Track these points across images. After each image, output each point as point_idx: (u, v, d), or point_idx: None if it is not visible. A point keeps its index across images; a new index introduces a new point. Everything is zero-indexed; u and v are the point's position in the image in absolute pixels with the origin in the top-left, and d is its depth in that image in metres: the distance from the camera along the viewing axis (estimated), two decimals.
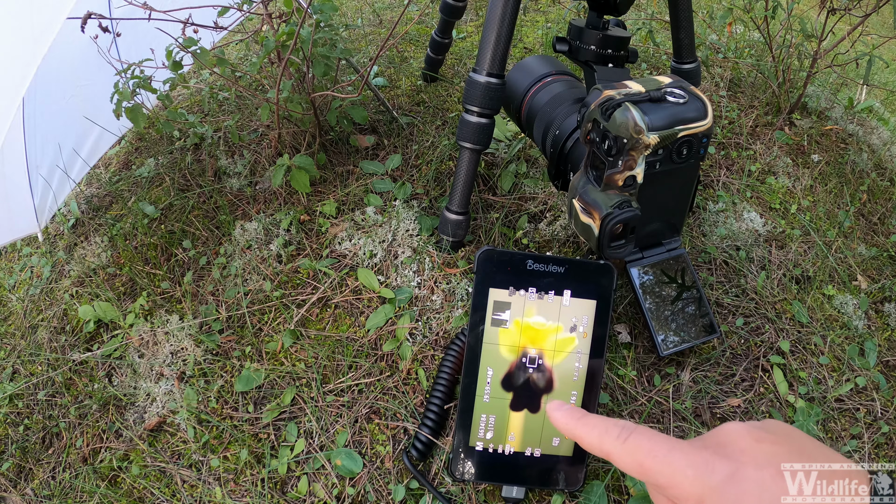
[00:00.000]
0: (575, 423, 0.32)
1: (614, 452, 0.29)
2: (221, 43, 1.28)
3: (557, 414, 0.33)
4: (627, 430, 0.29)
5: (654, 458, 0.27)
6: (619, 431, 0.29)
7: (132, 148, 1.22)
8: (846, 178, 1.00)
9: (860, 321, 0.79)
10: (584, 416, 0.32)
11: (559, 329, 0.56)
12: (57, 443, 0.78)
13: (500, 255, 0.56)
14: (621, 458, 0.29)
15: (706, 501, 0.25)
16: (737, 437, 0.26)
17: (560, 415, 0.33)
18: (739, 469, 0.25)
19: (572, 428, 0.32)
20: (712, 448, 0.26)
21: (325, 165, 1.00)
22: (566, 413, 0.33)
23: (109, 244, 0.99)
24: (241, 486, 0.68)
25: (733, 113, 1.11)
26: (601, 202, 0.61)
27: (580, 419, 0.32)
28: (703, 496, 0.25)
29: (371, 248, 0.85)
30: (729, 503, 0.24)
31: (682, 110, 0.58)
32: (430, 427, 0.65)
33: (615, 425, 0.30)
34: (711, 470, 0.25)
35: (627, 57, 0.73)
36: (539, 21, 1.44)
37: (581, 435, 0.31)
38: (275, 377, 0.75)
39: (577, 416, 0.32)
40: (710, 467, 0.25)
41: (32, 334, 0.91)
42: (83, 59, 0.98)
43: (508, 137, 1.02)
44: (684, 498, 0.26)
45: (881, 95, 1.33)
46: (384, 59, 1.28)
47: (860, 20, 1.00)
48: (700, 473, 0.25)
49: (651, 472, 0.27)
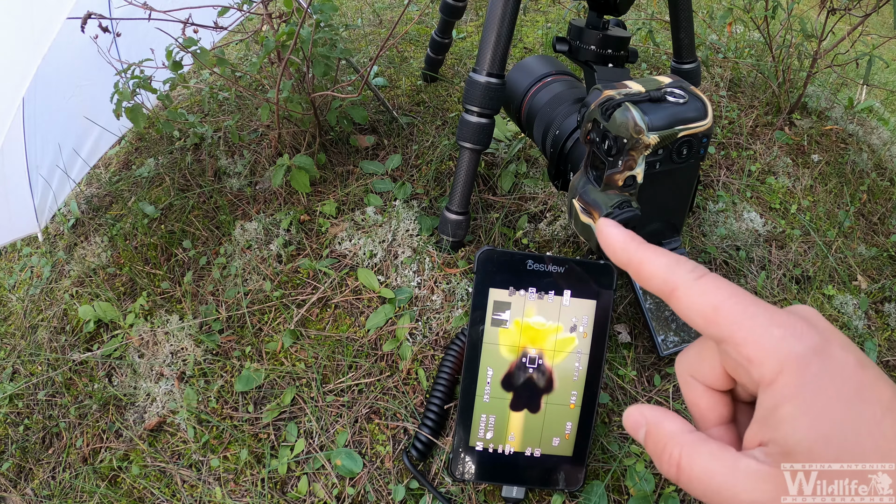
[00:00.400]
0: (636, 247, 0.25)
1: (683, 287, 0.23)
2: (221, 43, 1.28)
3: (613, 232, 0.26)
4: (701, 269, 0.24)
5: (735, 305, 0.22)
6: (692, 266, 0.24)
7: (132, 148, 1.22)
8: (846, 178, 1.00)
9: (860, 321, 0.79)
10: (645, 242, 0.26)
11: (559, 329, 0.56)
12: (57, 443, 0.78)
13: (500, 255, 0.56)
14: (691, 296, 0.23)
15: (787, 369, 0.21)
16: (817, 317, 0.23)
17: (616, 233, 0.26)
18: (828, 345, 0.21)
19: (632, 251, 0.25)
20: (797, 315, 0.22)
21: (325, 165, 1.00)
22: (624, 234, 0.26)
23: (109, 244, 0.99)
24: (241, 486, 0.68)
25: (733, 113, 1.11)
26: (601, 202, 0.61)
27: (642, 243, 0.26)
28: (784, 362, 0.21)
29: (371, 248, 0.85)
30: (811, 376, 0.21)
31: (682, 110, 0.58)
32: (430, 427, 0.65)
33: (686, 260, 0.24)
34: (800, 336, 0.21)
35: (627, 57, 0.73)
36: (539, 21, 1.44)
37: (642, 260, 0.25)
38: (275, 377, 0.75)
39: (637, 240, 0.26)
40: (798, 332, 0.21)
41: (32, 334, 0.91)
42: (83, 59, 0.98)
43: (508, 137, 1.02)
44: (760, 361, 0.21)
45: (881, 95, 1.33)
46: (384, 59, 1.28)
47: (860, 20, 1.00)
48: (787, 335, 0.21)
49: (727, 319, 0.22)
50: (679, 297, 0.24)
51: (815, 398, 0.20)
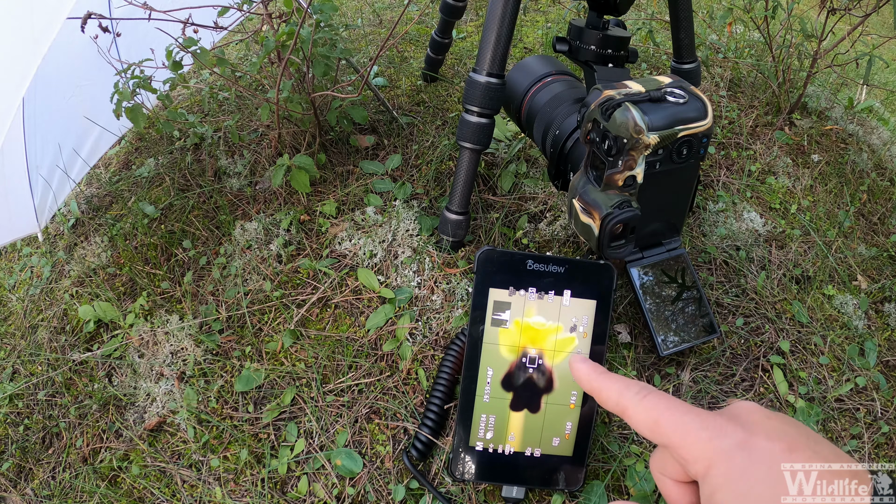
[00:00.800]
0: (596, 377, 0.33)
1: (631, 408, 0.30)
2: (221, 43, 1.28)
3: (580, 366, 0.34)
4: (646, 390, 0.30)
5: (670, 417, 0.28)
6: (638, 389, 0.30)
7: (132, 148, 1.22)
8: (846, 178, 1.00)
9: (860, 321, 0.79)
10: (606, 373, 0.33)
11: (559, 329, 0.56)
12: (57, 443, 0.78)
13: (500, 255, 0.56)
14: (637, 414, 0.29)
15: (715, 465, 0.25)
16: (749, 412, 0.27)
17: (583, 367, 0.34)
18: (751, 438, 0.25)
19: (593, 381, 0.33)
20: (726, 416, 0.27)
21: (325, 165, 1.00)
22: (589, 367, 0.34)
23: (109, 244, 0.99)
24: (241, 486, 0.68)
25: (733, 113, 1.11)
26: (601, 202, 0.61)
27: (602, 374, 0.33)
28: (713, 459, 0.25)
29: (371, 248, 0.85)
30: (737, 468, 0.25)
31: (682, 110, 0.58)
32: (430, 427, 0.65)
33: (635, 384, 0.31)
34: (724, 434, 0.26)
35: (627, 57, 0.73)
36: (539, 21, 1.44)
37: (600, 388, 0.32)
38: (275, 377, 0.75)
39: (598, 371, 0.33)
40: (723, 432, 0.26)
41: (32, 334, 0.91)
42: (83, 59, 0.98)
43: (508, 137, 1.02)
44: (694, 460, 0.26)
45: (881, 95, 1.33)
46: (384, 59, 1.28)
47: (860, 20, 1.00)
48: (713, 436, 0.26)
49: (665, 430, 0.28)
50: (629, 415, 0.30)
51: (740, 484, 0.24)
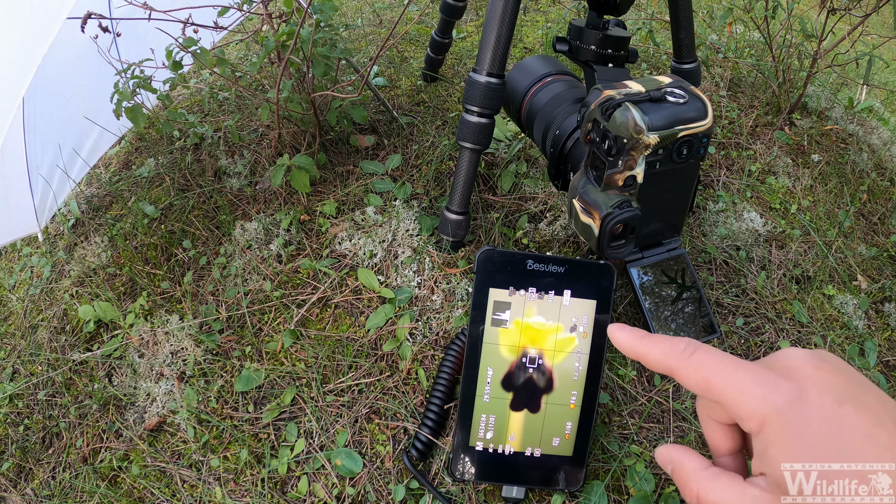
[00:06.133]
0: (638, 342, 0.32)
1: (679, 368, 0.29)
2: (221, 43, 1.28)
3: (620, 334, 0.33)
4: (693, 346, 0.29)
5: (721, 375, 0.27)
6: (684, 346, 0.29)
7: (132, 148, 1.22)
8: (846, 178, 1.00)
9: (860, 321, 0.79)
10: (647, 335, 0.32)
11: (559, 329, 0.56)
12: (57, 443, 0.78)
13: (500, 255, 0.56)
14: (686, 373, 0.28)
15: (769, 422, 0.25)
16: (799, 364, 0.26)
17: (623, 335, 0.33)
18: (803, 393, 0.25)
19: (635, 346, 0.32)
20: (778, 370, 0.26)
21: (325, 165, 1.00)
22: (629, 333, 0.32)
23: (109, 244, 0.99)
24: (241, 486, 0.68)
25: (733, 113, 1.11)
26: (601, 202, 0.61)
27: (643, 338, 0.32)
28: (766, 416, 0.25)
29: (371, 248, 0.85)
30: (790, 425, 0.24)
31: (682, 110, 0.58)
32: (430, 427, 0.65)
33: (680, 341, 0.30)
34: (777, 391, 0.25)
35: (627, 57, 0.73)
36: (539, 21, 1.44)
37: (644, 352, 0.31)
38: (275, 377, 0.75)
39: (639, 335, 0.32)
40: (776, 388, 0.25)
41: (32, 334, 0.91)
42: (83, 59, 0.98)
43: (508, 137, 1.02)
44: (747, 417, 0.26)
45: (881, 95, 1.33)
46: (384, 59, 1.28)
47: (860, 20, 1.00)
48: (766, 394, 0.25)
49: (716, 388, 0.27)
50: (679, 376, 0.29)
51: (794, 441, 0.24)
